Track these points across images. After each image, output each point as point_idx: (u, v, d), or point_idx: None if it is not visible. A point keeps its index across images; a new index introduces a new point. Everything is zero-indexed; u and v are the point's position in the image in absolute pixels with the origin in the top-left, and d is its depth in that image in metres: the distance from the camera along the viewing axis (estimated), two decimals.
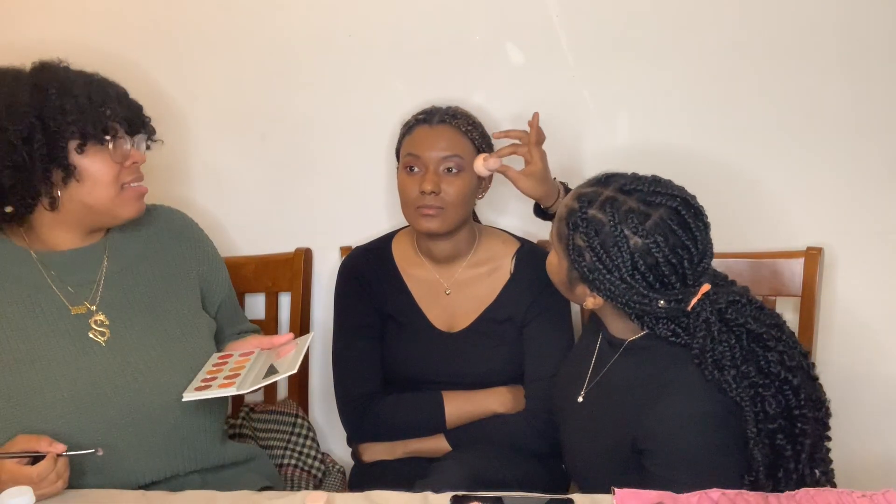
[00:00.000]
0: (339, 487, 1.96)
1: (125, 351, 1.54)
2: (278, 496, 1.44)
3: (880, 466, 2.04)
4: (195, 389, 1.50)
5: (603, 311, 1.57)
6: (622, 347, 1.57)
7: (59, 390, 1.47)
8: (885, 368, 2.07)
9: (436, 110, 1.86)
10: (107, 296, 1.57)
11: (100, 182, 1.51)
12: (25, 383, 1.47)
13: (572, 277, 1.53)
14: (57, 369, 1.49)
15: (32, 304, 1.52)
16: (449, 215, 1.80)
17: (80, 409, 1.48)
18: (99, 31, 2.07)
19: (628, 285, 1.45)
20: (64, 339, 1.51)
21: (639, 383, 1.50)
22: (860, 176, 2.01)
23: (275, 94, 2.11)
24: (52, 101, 1.46)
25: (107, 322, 1.55)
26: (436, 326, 1.90)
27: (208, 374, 1.56)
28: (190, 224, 1.76)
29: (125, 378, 1.52)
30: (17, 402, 1.45)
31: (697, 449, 1.43)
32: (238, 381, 1.48)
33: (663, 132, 2.04)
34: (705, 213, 1.50)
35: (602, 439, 1.55)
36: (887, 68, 1.94)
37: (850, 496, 1.31)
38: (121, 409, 1.50)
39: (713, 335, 1.43)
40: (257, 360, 1.58)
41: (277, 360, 1.53)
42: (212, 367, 1.59)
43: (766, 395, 1.42)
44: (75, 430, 1.46)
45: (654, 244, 1.43)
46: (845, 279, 2.05)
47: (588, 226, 1.47)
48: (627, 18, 1.99)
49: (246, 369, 1.53)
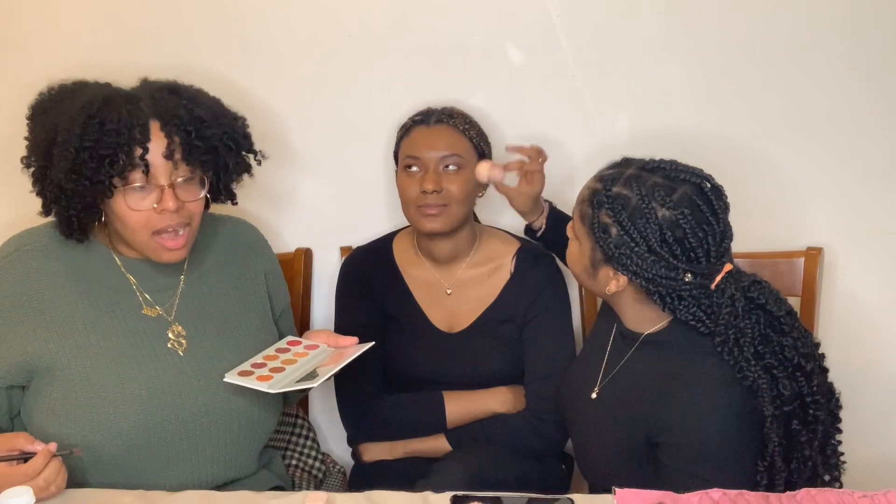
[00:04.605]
0: (340, 488, 1.96)
1: (201, 360, 1.57)
2: (278, 496, 1.45)
3: (881, 466, 2.04)
4: (238, 373, 1.53)
5: (622, 298, 1.55)
6: (639, 341, 1.56)
7: (137, 387, 1.50)
8: (886, 368, 2.07)
9: (432, 111, 1.87)
10: (183, 306, 1.60)
11: (126, 225, 1.49)
12: (105, 375, 1.50)
13: (596, 259, 1.52)
14: (136, 367, 1.52)
15: (112, 304, 1.55)
16: (452, 213, 1.80)
17: (155, 406, 1.50)
18: (98, 31, 2.07)
19: (657, 257, 1.44)
20: (142, 340, 1.54)
21: (656, 378, 1.50)
22: (861, 175, 2.01)
23: (274, 93, 2.11)
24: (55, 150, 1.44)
25: (184, 333, 1.58)
26: (436, 326, 1.90)
27: (264, 358, 1.59)
28: (259, 237, 1.78)
29: (199, 383, 1.55)
30: (98, 394, 1.48)
31: (715, 443, 1.43)
32: (276, 378, 1.51)
33: (663, 132, 2.04)
34: (725, 194, 1.51)
35: (616, 434, 1.55)
36: (888, 68, 1.94)
37: (850, 496, 1.31)
38: (193, 412, 1.53)
39: (738, 312, 1.44)
40: (314, 357, 1.61)
41: (324, 367, 1.56)
42: (274, 351, 1.62)
43: (781, 377, 1.42)
44: (149, 426, 1.50)
45: (681, 215, 1.44)
46: (845, 279, 2.05)
47: (614, 202, 1.47)
48: (627, 18, 1.99)
49: (297, 364, 1.57)
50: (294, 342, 1.66)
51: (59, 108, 1.48)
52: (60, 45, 2.07)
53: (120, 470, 1.50)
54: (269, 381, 1.50)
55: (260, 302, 1.71)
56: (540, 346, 1.86)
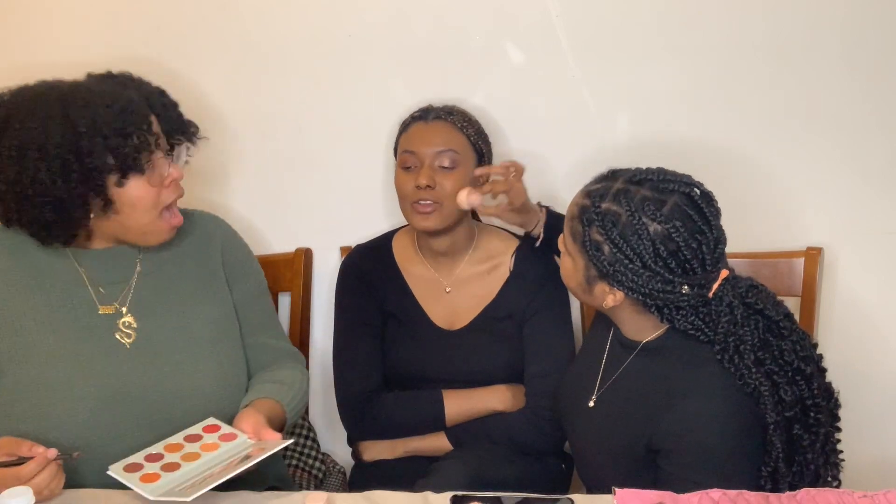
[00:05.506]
0: (340, 488, 1.96)
1: (151, 353, 1.55)
2: (278, 496, 1.44)
3: (881, 466, 2.04)
4: (125, 467, 1.39)
5: (619, 310, 1.53)
6: (637, 349, 1.56)
7: (85, 385, 1.49)
8: (886, 368, 2.07)
9: (432, 108, 1.88)
10: (137, 298, 1.58)
11: (138, 208, 1.51)
12: (55, 376, 1.48)
13: (590, 276, 1.50)
14: (86, 365, 1.50)
15: (64, 299, 1.54)
16: (445, 211, 1.80)
17: (104, 404, 1.49)
18: (97, 31, 2.07)
19: (652, 273, 1.43)
20: (92, 336, 1.53)
21: (655, 385, 1.49)
22: (861, 175, 2.01)
23: (274, 93, 2.11)
24: (85, 140, 1.43)
25: (134, 324, 1.56)
26: (436, 324, 1.90)
27: (165, 448, 1.44)
28: (220, 227, 1.76)
29: (149, 379, 1.53)
30: (46, 393, 1.47)
31: (717, 449, 1.42)
32: (161, 482, 1.35)
33: (663, 132, 2.04)
34: (715, 199, 1.50)
35: (615, 442, 1.54)
36: (888, 67, 1.94)
37: (850, 496, 1.30)
38: (145, 409, 1.51)
39: (736, 319, 1.43)
40: (223, 454, 1.43)
41: (220, 471, 1.37)
42: (181, 439, 1.46)
43: (781, 383, 1.42)
44: (99, 424, 1.48)
45: (673, 229, 1.42)
46: (845, 279, 2.05)
47: (604, 219, 1.45)
48: (628, 18, 1.99)
49: (196, 464, 1.40)
50: (211, 428, 1.50)
51: (29, 116, 1.44)
52: (60, 45, 2.07)
53: (82, 469, 1.47)
54: (154, 482, 1.35)
55: (219, 293, 1.68)
56: (539, 343, 1.86)
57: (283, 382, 1.65)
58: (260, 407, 1.55)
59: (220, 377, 1.59)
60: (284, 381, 1.66)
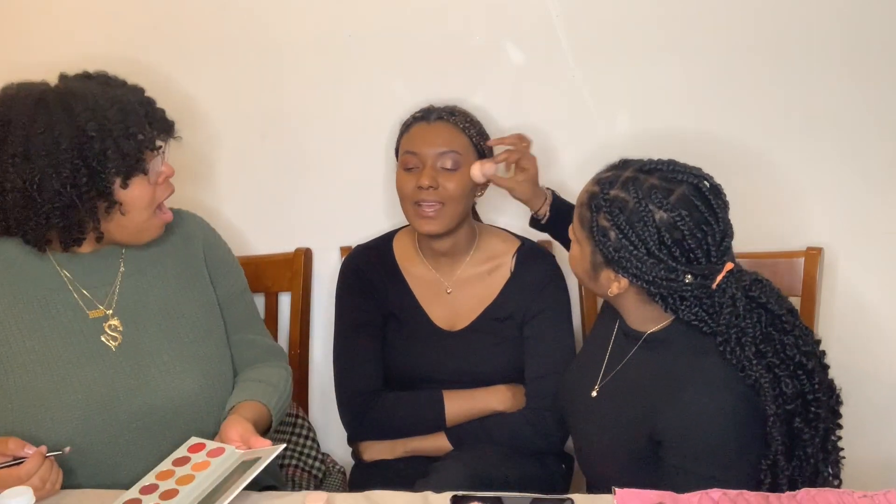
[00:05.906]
0: (340, 487, 1.96)
1: (137, 355, 1.55)
2: (278, 496, 1.44)
3: (881, 466, 2.04)
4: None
5: (624, 298, 1.55)
6: (641, 340, 1.56)
7: (73, 392, 1.48)
8: (886, 368, 2.07)
9: (433, 108, 1.88)
10: (122, 300, 1.58)
11: (138, 207, 1.52)
12: (41, 383, 1.48)
13: (596, 262, 1.51)
14: (72, 371, 1.50)
15: (48, 305, 1.53)
16: (447, 212, 1.80)
17: (93, 410, 1.48)
18: (97, 31, 2.07)
19: (656, 260, 1.44)
20: (78, 341, 1.52)
21: (658, 376, 1.50)
22: (861, 176, 2.01)
23: (274, 93, 2.11)
24: (94, 144, 1.43)
25: (120, 327, 1.56)
26: (437, 325, 1.90)
27: (157, 477, 1.41)
28: (199, 225, 1.75)
29: (137, 381, 1.53)
30: (33, 402, 1.47)
31: (718, 441, 1.43)
32: None
33: (663, 132, 2.04)
34: (724, 193, 1.51)
35: (617, 433, 1.54)
36: (889, 68, 1.94)
37: (850, 496, 1.30)
38: (132, 412, 1.51)
39: (739, 311, 1.44)
40: (217, 468, 1.41)
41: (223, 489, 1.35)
42: (171, 465, 1.44)
43: (782, 376, 1.42)
44: (89, 430, 1.47)
45: (679, 217, 1.43)
46: (846, 279, 2.05)
47: (612, 205, 1.47)
48: (627, 18, 1.99)
49: (193, 484, 1.38)
50: (196, 447, 1.48)
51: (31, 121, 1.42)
52: (60, 45, 2.07)
53: (74, 473, 1.47)
54: None
55: (203, 291, 1.67)
56: (540, 344, 1.86)
57: (269, 383, 1.66)
58: (246, 412, 1.55)
59: (206, 376, 1.58)
60: (270, 382, 1.66)
